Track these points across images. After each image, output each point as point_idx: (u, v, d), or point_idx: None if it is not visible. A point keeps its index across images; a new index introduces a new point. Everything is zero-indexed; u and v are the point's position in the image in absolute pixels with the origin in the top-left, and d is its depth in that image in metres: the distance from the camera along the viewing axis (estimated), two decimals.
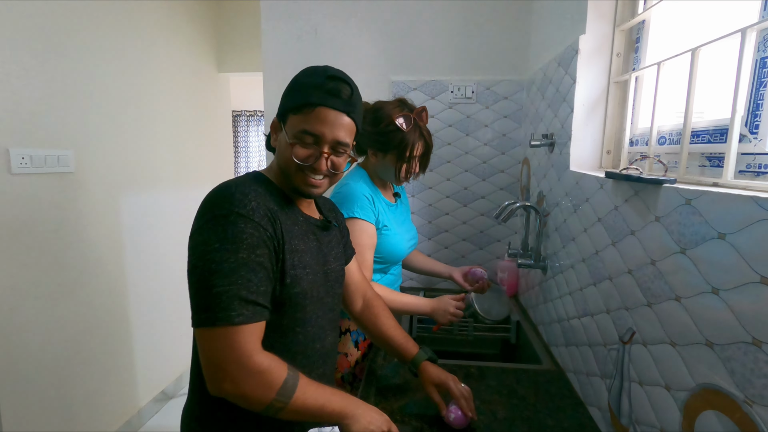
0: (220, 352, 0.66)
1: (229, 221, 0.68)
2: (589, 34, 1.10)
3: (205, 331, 0.67)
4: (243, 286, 0.67)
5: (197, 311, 0.68)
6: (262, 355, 0.69)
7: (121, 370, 2.17)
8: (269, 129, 0.85)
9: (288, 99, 0.79)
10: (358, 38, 1.81)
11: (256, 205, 0.71)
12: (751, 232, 0.51)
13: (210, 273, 0.66)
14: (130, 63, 2.16)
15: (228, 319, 0.65)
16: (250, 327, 0.68)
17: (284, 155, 0.78)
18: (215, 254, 0.67)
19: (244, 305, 0.67)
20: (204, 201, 0.73)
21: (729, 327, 0.54)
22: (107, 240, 2.05)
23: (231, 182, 0.74)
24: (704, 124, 0.78)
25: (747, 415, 0.51)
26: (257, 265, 0.69)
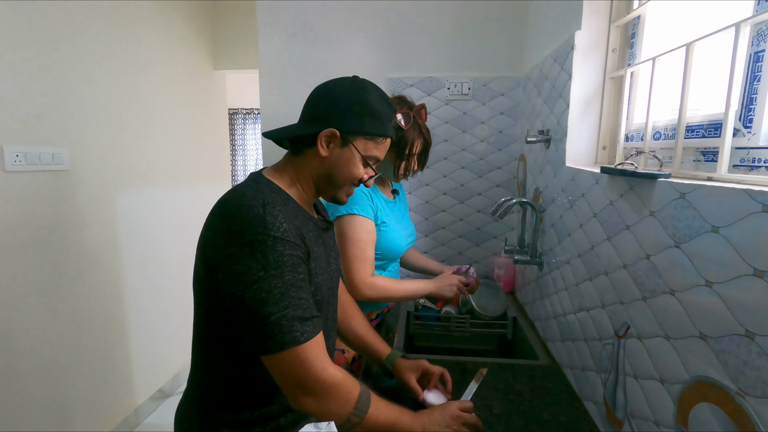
0: (296, 372, 0.68)
1: (268, 246, 0.67)
2: (585, 30, 1.10)
3: (276, 357, 0.68)
4: (297, 306, 0.68)
5: (260, 340, 0.68)
6: (334, 367, 0.72)
7: (118, 368, 2.16)
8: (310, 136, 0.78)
9: (362, 122, 0.79)
10: (354, 35, 1.80)
11: (288, 225, 0.70)
12: (744, 225, 0.51)
13: (262, 303, 0.66)
14: (125, 60, 2.15)
15: (295, 340, 0.67)
16: (315, 340, 0.70)
17: (346, 170, 0.81)
18: (263, 283, 0.66)
19: (304, 323, 0.69)
20: (227, 219, 0.70)
21: (722, 320, 0.54)
22: (103, 238, 2.04)
23: (253, 199, 0.71)
24: (699, 118, 0.79)
25: (740, 407, 0.51)
26: (302, 282, 0.71)
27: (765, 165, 0.64)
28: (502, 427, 0.92)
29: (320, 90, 0.82)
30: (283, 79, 1.85)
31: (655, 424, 0.70)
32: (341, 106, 0.78)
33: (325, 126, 0.77)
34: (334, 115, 0.78)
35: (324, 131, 0.77)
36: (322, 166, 0.81)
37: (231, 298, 0.69)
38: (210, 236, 0.73)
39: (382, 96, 0.82)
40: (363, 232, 1.18)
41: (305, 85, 1.84)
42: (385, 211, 1.27)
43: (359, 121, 0.79)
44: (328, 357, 0.72)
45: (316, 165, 0.81)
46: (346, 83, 0.80)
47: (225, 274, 0.69)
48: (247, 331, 0.68)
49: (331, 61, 1.82)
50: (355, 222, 1.17)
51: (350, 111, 0.78)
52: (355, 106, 0.78)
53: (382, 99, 0.81)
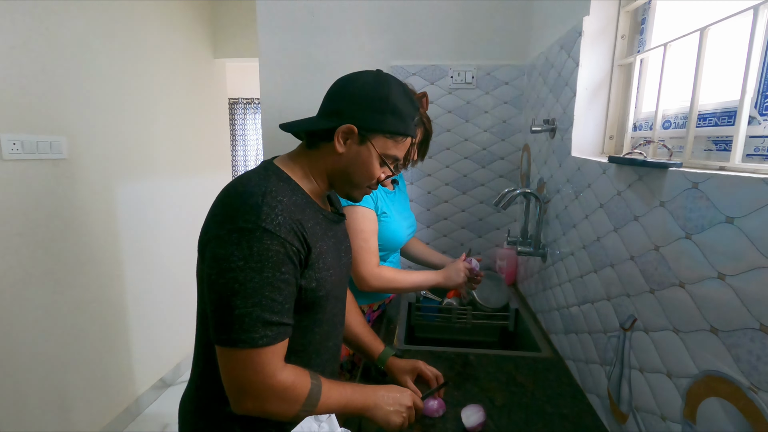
0: (242, 373, 0.65)
1: (255, 237, 0.64)
2: (594, 16, 1.07)
3: (227, 351, 0.66)
4: (267, 307, 0.65)
5: (218, 329, 0.65)
6: (285, 371, 0.68)
7: (119, 358, 2.17)
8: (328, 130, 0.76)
9: (382, 119, 0.75)
10: (355, 22, 1.76)
11: (284, 219, 0.67)
12: (762, 216, 0.49)
13: (232, 293, 0.64)
14: (124, 47, 2.11)
15: (251, 341, 0.64)
16: (274, 348, 0.66)
17: (364, 169, 0.78)
18: (238, 273, 0.64)
19: (267, 327, 0.65)
20: (225, 203, 0.69)
21: (735, 313, 0.53)
22: (102, 227, 2.02)
23: (256, 187, 0.69)
24: (711, 106, 0.76)
25: (752, 402, 0.50)
26: (282, 283, 0.67)
27: None
28: (504, 420, 0.92)
29: (340, 83, 0.78)
30: (284, 68, 1.82)
31: (661, 419, 0.69)
32: (361, 102, 0.75)
33: (343, 121, 0.74)
34: (354, 111, 0.75)
35: (342, 127, 0.74)
36: (338, 163, 0.78)
37: (207, 280, 0.67)
38: (208, 218, 0.71)
39: (406, 93, 0.78)
40: (366, 222, 1.16)
41: (307, 74, 1.81)
42: (385, 202, 1.25)
43: (380, 118, 0.75)
44: (282, 362, 0.69)
45: (332, 161, 0.78)
46: (368, 77, 0.76)
47: (208, 257, 0.67)
48: (211, 317, 0.66)
49: (333, 50, 1.79)
50: (357, 213, 1.15)
51: (371, 107, 0.75)
52: (376, 102, 0.75)
53: (405, 96, 0.78)
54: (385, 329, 1.35)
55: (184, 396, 0.85)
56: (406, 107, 0.77)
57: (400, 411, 0.81)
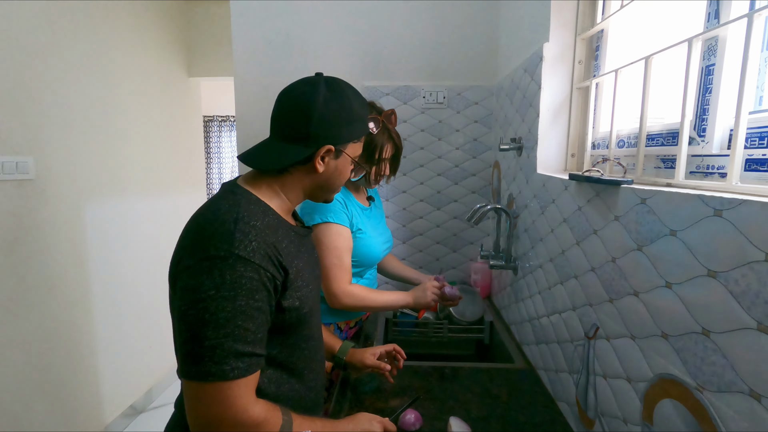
0: (212, 408, 0.62)
1: (228, 264, 0.62)
2: (553, 42, 1.14)
3: (195, 385, 0.62)
4: (239, 337, 0.62)
5: (186, 362, 0.62)
6: (257, 406, 0.65)
7: (86, 384, 2.08)
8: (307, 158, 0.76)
9: (350, 130, 0.78)
10: (329, 43, 1.81)
11: (257, 245, 0.65)
12: (699, 229, 0.54)
13: (203, 323, 0.61)
14: (95, 66, 2.09)
15: (222, 374, 0.61)
16: (246, 380, 0.64)
17: (342, 176, 0.83)
18: (210, 303, 0.61)
19: (239, 358, 0.62)
20: (195, 231, 0.67)
21: (681, 319, 0.57)
22: (70, 249, 1.97)
23: (227, 213, 0.67)
24: (658, 127, 0.83)
25: (698, 401, 0.54)
26: (255, 311, 0.64)
27: (718, 171, 0.68)
28: (479, 431, 0.94)
29: (298, 104, 0.74)
30: (259, 87, 1.84)
31: (623, 422, 0.73)
32: (332, 121, 0.75)
33: (319, 144, 0.74)
34: (327, 131, 0.75)
35: (321, 150, 0.75)
36: (317, 180, 0.79)
37: (176, 311, 0.64)
38: (177, 250, 0.69)
39: (356, 93, 0.81)
40: (339, 239, 1.18)
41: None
42: (360, 218, 1.27)
43: (349, 130, 0.78)
44: (254, 396, 0.66)
45: (310, 180, 0.79)
46: (324, 91, 0.74)
47: (179, 288, 0.65)
48: (179, 348, 0.63)
49: (307, 69, 1.82)
50: (331, 230, 1.17)
51: (341, 123, 0.76)
52: (344, 116, 0.76)
53: (358, 97, 0.80)
54: (363, 346, 1.36)
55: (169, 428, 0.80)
56: (363, 108, 0.81)
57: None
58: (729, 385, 0.49)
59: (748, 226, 0.47)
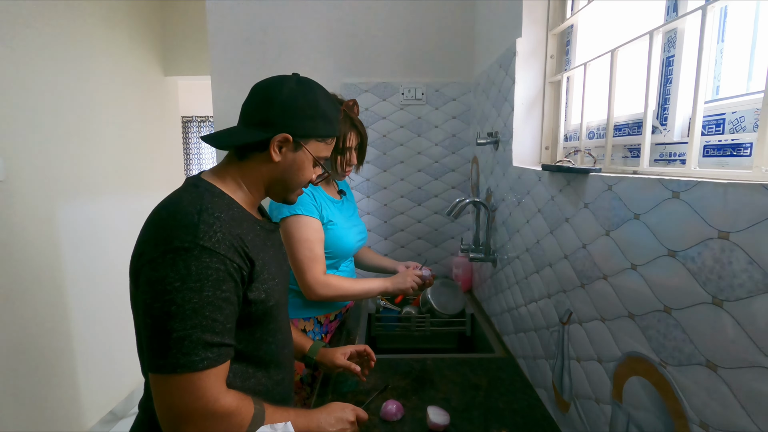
0: (182, 400, 0.61)
1: (193, 256, 0.62)
2: (525, 38, 1.17)
3: (163, 378, 0.61)
4: (207, 328, 0.62)
5: (154, 356, 0.61)
6: (228, 396, 0.65)
7: (63, 390, 2.03)
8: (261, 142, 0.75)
9: (313, 125, 0.78)
10: (307, 40, 1.81)
11: (222, 236, 0.65)
12: (659, 211, 0.57)
13: (169, 316, 0.60)
14: (66, 65, 2.04)
15: (191, 365, 0.60)
16: (216, 370, 0.63)
17: (300, 173, 0.80)
18: (176, 294, 0.60)
19: (208, 348, 0.62)
20: (157, 224, 0.66)
21: (645, 298, 0.60)
22: (44, 252, 1.91)
23: (190, 205, 0.67)
24: (624, 118, 0.86)
25: (662, 376, 0.57)
26: (223, 302, 0.64)
27: (679, 158, 0.71)
28: (460, 418, 0.95)
29: (264, 91, 0.78)
30: (237, 86, 1.83)
31: (595, 402, 0.75)
32: (293, 111, 0.75)
33: (276, 131, 0.74)
34: (286, 120, 0.75)
35: (277, 136, 0.74)
36: (274, 171, 0.78)
37: (141, 306, 0.63)
38: (139, 242, 0.68)
39: (328, 95, 0.82)
40: (309, 231, 1.18)
41: None
42: (330, 210, 1.28)
43: (312, 124, 0.77)
44: (225, 386, 0.66)
45: (267, 169, 0.78)
46: (292, 84, 0.77)
47: (142, 282, 0.64)
48: (146, 343, 0.63)
49: (285, 67, 1.82)
50: (300, 222, 1.18)
51: (303, 115, 0.76)
52: (307, 110, 0.76)
53: (328, 98, 0.81)
54: (345, 341, 1.36)
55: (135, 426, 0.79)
56: (332, 110, 0.81)
57: (344, 429, 0.82)
58: (689, 358, 0.52)
59: (703, 206, 0.49)
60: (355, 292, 1.25)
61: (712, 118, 0.65)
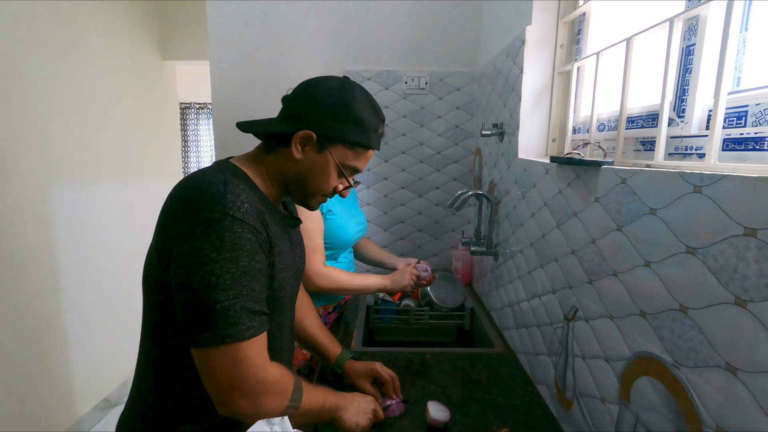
0: (233, 371, 0.62)
1: (225, 226, 0.61)
2: (535, 26, 1.13)
3: (212, 351, 0.61)
4: (249, 297, 0.62)
5: (198, 330, 0.61)
6: (273, 364, 0.67)
7: (56, 377, 2.01)
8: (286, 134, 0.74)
9: (343, 129, 0.73)
10: (310, 26, 1.76)
11: (249, 207, 0.64)
12: (678, 206, 0.54)
13: (210, 287, 0.60)
14: (61, 47, 1.99)
15: (239, 334, 0.61)
16: (260, 338, 0.64)
17: (320, 178, 0.76)
18: (214, 266, 0.60)
19: (252, 317, 0.63)
20: (182, 198, 0.65)
21: (660, 297, 0.57)
22: (38, 237, 1.88)
23: (213, 177, 0.65)
24: (638, 110, 0.83)
25: (675, 378, 0.54)
26: (258, 272, 0.65)
27: (696, 152, 0.68)
28: (460, 414, 0.94)
29: (304, 86, 0.76)
30: (236, 71, 1.78)
31: (600, 401, 0.73)
32: (323, 108, 0.72)
33: (302, 126, 0.72)
34: (314, 117, 0.72)
35: (300, 132, 0.72)
36: (294, 169, 0.75)
37: (176, 281, 0.62)
38: (163, 219, 0.66)
39: (371, 103, 0.76)
40: (309, 220, 1.16)
41: (259, 77, 1.78)
42: (329, 201, 1.25)
43: (340, 127, 0.73)
44: (267, 354, 0.67)
45: (288, 166, 0.75)
46: (333, 84, 0.74)
47: (175, 257, 0.62)
48: (186, 319, 0.62)
49: (287, 53, 1.78)
50: (300, 211, 1.15)
51: (332, 114, 0.72)
52: (338, 110, 0.72)
53: (370, 106, 0.75)
54: (343, 332, 1.34)
55: (124, 420, 0.78)
56: (370, 118, 0.75)
57: (366, 413, 0.83)
58: (706, 361, 0.49)
59: (728, 201, 0.47)
60: (353, 287, 1.23)
61: (733, 110, 0.62)
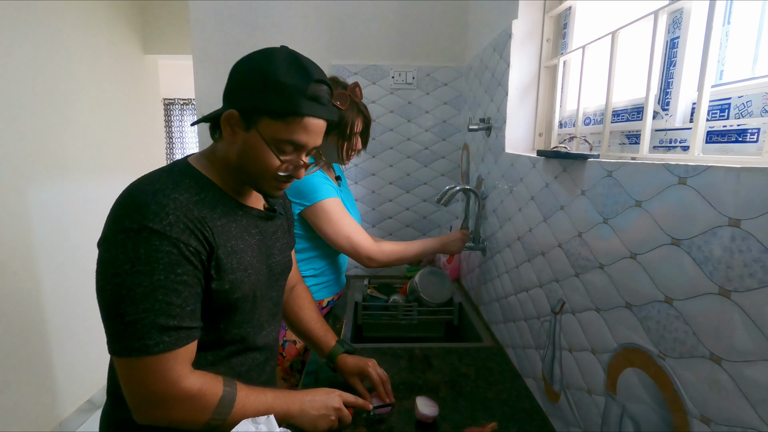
0: (142, 382, 0.61)
1: (142, 238, 0.59)
2: (521, 20, 1.13)
3: (123, 361, 0.61)
4: (161, 312, 0.60)
5: (111, 339, 0.61)
6: (192, 378, 0.64)
7: (37, 378, 1.96)
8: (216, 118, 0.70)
9: (263, 99, 0.65)
10: (295, 19, 1.74)
11: (175, 218, 0.61)
12: (663, 198, 0.54)
13: (120, 299, 0.59)
14: (36, 39, 1.93)
15: (145, 349, 0.60)
16: (175, 353, 0.62)
17: (255, 159, 0.68)
18: (126, 278, 0.59)
19: (163, 332, 0.61)
20: (117, 202, 0.64)
21: (645, 288, 0.58)
22: (14, 236, 1.83)
23: (149, 184, 0.64)
24: (623, 103, 0.83)
25: (661, 368, 0.55)
26: (179, 285, 0.62)
27: (681, 145, 0.69)
28: (448, 408, 0.93)
29: (235, 64, 0.71)
30: (219, 65, 1.75)
31: (587, 393, 0.74)
32: (241, 82, 0.67)
33: (227, 107, 0.67)
34: (235, 93, 0.68)
35: (224, 113, 0.66)
36: (232, 153, 0.70)
37: (96, 285, 0.62)
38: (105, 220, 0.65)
39: (298, 64, 0.67)
40: (339, 209, 1.22)
41: None
42: (340, 194, 1.30)
43: (258, 97, 0.65)
44: (188, 368, 0.64)
45: (229, 152, 0.70)
46: (256, 54, 0.68)
47: (97, 260, 0.62)
48: (103, 324, 0.62)
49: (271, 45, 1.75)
50: (329, 206, 1.20)
51: (248, 86, 0.66)
52: (255, 80, 0.65)
53: (295, 67, 0.66)
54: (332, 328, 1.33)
55: (104, 411, 0.80)
56: (294, 81, 0.65)
57: (327, 415, 0.79)
58: (690, 351, 0.50)
59: (712, 192, 0.47)
60: (411, 255, 1.32)
61: (716, 102, 0.62)
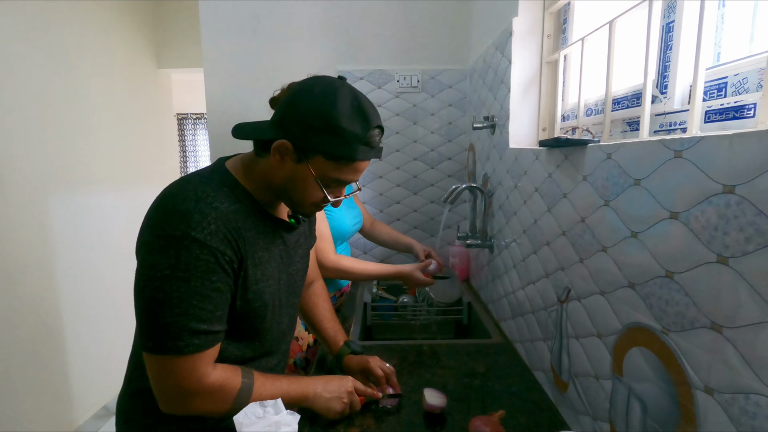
0: (170, 379, 0.66)
1: (183, 246, 0.62)
2: (522, 17, 1.15)
3: (153, 357, 0.65)
4: (194, 317, 0.64)
5: (145, 336, 0.65)
6: (214, 374, 0.68)
7: (54, 385, 2.00)
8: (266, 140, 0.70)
9: (322, 140, 0.67)
10: (302, 27, 1.79)
11: (216, 228, 0.64)
12: (661, 173, 0.55)
13: (158, 302, 0.63)
14: (55, 54, 2.01)
15: (177, 350, 0.64)
16: (201, 354, 0.66)
17: (301, 190, 0.72)
18: (165, 283, 0.62)
19: (194, 336, 0.64)
20: (157, 208, 0.66)
21: (647, 265, 0.58)
22: (35, 245, 1.88)
23: (191, 191, 0.66)
24: (623, 91, 0.84)
25: (665, 344, 0.55)
26: (213, 292, 0.65)
27: (680, 127, 0.69)
28: (457, 401, 0.93)
29: (291, 91, 0.71)
30: (230, 75, 1.80)
31: (595, 379, 0.73)
32: (301, 117, 0.68)
33: (281, 135, 0.68)
34: (293, 126, 0.68)
35: (278, 142, 0.68)
36: (277, 177, 0.72)
37: (135, 286, 0.65)
38: (143, 222, 0.68)
39: (359, 109, 0.68)
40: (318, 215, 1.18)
41: (253, 82, 1.80)
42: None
43: (317, 138, 0.67)
44: (212, 366, 0.68)
45: (273, 174, 0.72)
46: (318, 89, 0.68)
47: (138, 262, 0.66)
48: (138, 322, 0.66)
49: (280, 56, 1.80)
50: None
51: (310, 125, 0.67)
52: (316, 120, 0.67)
53: (356, 113, 0.68)
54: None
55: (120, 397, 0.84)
56: (354, 128, 0.67)
57: (340, 397, 0.82)
58: (692, 323, 0.50)
59: (707, 161, 0.47)
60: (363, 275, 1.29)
61: (714, 82, 0.63)
